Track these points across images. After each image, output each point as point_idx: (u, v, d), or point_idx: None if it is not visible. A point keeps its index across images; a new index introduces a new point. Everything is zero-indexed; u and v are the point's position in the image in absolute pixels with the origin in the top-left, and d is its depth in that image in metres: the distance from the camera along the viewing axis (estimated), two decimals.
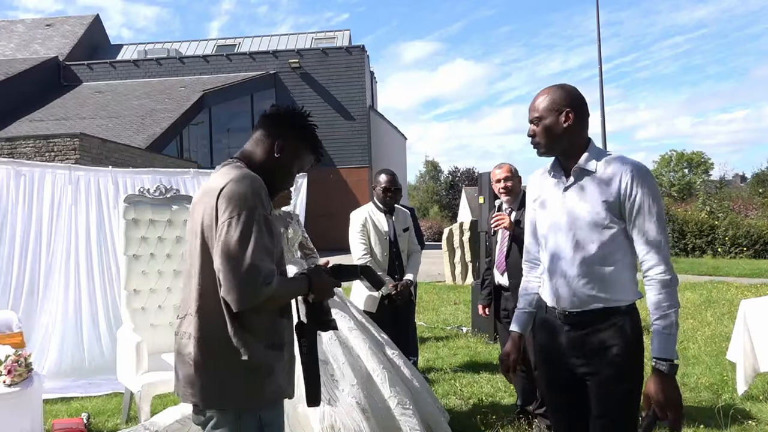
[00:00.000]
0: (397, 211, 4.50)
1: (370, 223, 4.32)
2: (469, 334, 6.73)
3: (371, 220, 4.33)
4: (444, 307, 8.96)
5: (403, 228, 4.45)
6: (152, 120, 21.30)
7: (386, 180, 4.28)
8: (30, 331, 5.03)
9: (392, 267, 4.33)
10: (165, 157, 17.94)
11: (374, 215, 4.37)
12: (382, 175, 4.32)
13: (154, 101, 23.36)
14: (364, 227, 4.31)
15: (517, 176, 3.82)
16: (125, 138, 18.89)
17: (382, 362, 3.14)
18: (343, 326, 3.18)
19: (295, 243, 3.53)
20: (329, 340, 3.05)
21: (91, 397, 4.68)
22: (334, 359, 2.98)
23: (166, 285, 4.22)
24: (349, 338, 3.16)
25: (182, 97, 23.51)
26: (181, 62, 27.05)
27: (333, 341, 3.06)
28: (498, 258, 3.86)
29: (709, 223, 17.46)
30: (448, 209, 65.91)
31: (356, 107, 26.03)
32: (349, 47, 26.81)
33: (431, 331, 7.13)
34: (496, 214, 3.72)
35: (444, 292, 10.59)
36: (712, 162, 47.10)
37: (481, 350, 5.99)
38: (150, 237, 4.17)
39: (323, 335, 3.03)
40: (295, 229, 3.53)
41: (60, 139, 13.88)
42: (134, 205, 4.13)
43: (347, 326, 3.20)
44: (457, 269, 12.10)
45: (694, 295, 9.25)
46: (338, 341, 3.08)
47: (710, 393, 4.39)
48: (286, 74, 26.17)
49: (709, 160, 47.02)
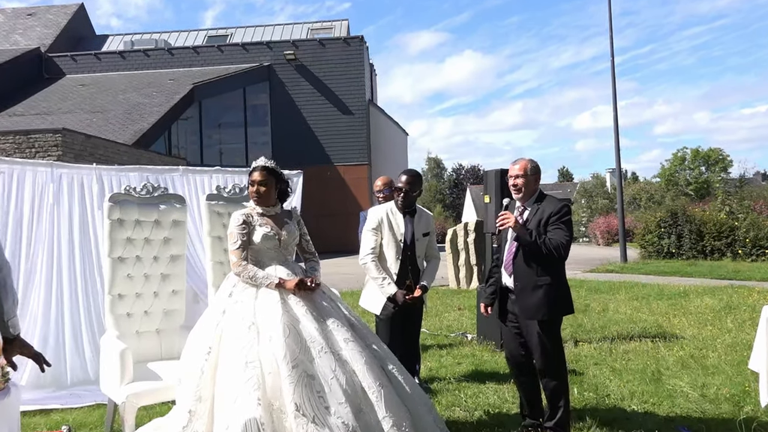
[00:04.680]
0: (420, 214, 4.47)
1: (386, 224, 4.31)
2: (475, 341, 6.71)
3: (388, 221, 4.32)
4: (448, 312, 8.94)
5: (424, 232, 4.43)
6: (139, 115, 21.28)
7: (399, 179, 4.35)
8: None
9: (404, 272, 4.32)
10: (152, 153, 17.93)
11: (393, 215, 4.36)
12: (400, 175, 4.42)
13: (141, 95, 23.35)
14: (379, 226, 4.31)
15: (533, 174, 3.78)
16: (110, 134, 18.87)
17: (380, 378, 3.05)
18: (338, 337, 3.09)
19: (289, 245, 3.46)
20: (320, 352, 2.96)
21: (72, 408, 4.66)
22: (322, 374, 2.89)
23: (153, 289, 4.20)
24: (343, 351, 3.06)
25: (171, 91, 23.50)
26: (170, 54, 27.05)
27: (325, 353, 2.97)
28: (506, 258, 3.86)
29: (728, 224, 17.44)
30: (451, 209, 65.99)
31: (355, 101, 26.02)
32: (348, 38, 26.80)
33: (434, 338, 7.10)
34: (502, 213, 3.73)
35: (448, 297, 10.57)
36: (730, 159, 47.07)
37: (487, 358, 5.97)
38: (136, 238, 4.15)
39: (314, 347, 2.97)
40: (291, 230, 3.46)
41: (41, 135, 13.86)
42: (119, 205, 4.10)
43: (342, 337, 3.10)
44: (462, 273, 12.08)
45: (713, 301, 9.23)
46: (331, 354, 2.99)
47: (731, 405, 4.36)
48: (280, 66, 26.16)
49: (728, 157, 46.99)
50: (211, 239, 4.27)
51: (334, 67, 25.99)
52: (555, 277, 3.69)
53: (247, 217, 3.39)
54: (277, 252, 3.38)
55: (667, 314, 8.24)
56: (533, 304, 3.66)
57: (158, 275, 4.23)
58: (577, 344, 6.46)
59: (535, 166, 3.80)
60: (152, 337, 4.16)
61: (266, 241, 3.34)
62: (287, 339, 2.93)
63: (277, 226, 3.42)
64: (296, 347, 2.93)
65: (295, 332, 2.99)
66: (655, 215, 19.35)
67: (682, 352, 5.97)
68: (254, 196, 3.41)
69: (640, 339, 6.64)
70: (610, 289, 11.09)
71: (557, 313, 3.77)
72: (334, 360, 2.97)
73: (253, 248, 3.37)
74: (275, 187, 3.44)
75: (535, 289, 3.66)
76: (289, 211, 3.61)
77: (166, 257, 4.27)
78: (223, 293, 3.32)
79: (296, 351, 2.91)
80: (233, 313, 3.15)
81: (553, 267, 3.68)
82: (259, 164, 3.44)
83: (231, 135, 26.98)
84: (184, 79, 24.80)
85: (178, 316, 4.30)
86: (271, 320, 3.03)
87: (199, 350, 3.11)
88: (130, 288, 4.12)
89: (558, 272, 3.73)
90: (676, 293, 10.28)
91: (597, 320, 7.88)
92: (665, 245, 18.13)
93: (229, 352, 2.99)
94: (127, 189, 4.23)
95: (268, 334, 2.98)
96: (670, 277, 13.48)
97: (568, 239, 3.61)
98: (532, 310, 3.67)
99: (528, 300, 3.68)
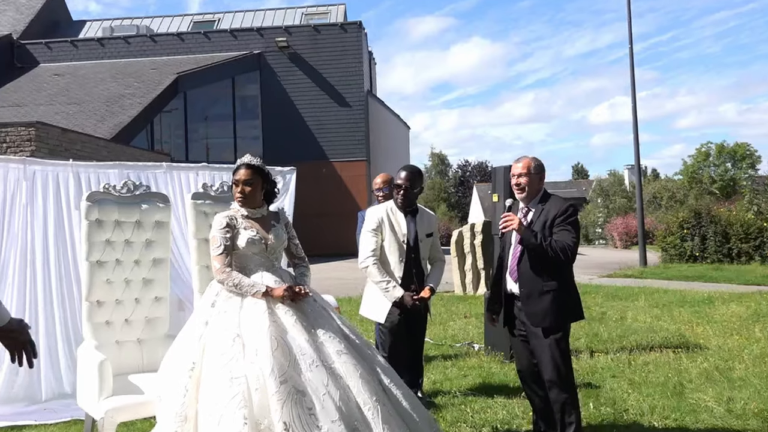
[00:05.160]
0: (422, 213, 4.49)
1: (387, 224, 4.32)
2: (482, 351, 6.72)
3: (389, 221, 4.33)
4: (453, 321, 8.95)
5: (427, 233, 4.45)
6: (119, 107, 21.30)
7: (398, 176, 4.37)
8: None
9: (408, 276, 4.34)
10: (134, 149, 17.94)
11: (394, 215, 4.37)
12: (399, 172, 4.44)
13: (121, 85, 23.37)
14: (379, 227, 4.31)
15: (537, 173, 3.83)
16: (88, 127, 18.89)
17: (376, 393, 3.03)
18: (331, 349, 3.08)
19: (276, 249, 3.45)
20: (311, 365, 2.94)
21: (47, 425, 4.66)
22: (313, 390, 2.88)
23: (134, 296, 4.20)
24: (337, 364, 3.04)
25: (154, 81, 23.52)
26: (153, 41, 27.07)
27: (317, 367, 2.95)
28: (511, 263, 3.90)
29: (756, 225, 17.44)
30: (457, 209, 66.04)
31: (352, 92, 26.04)
32: (345, 24, 26.84)
33: (438, 348, 7.11)
34: (504, 214, 3.76)
35: (453, 304, 10.58)
36: (759, 155, 47.09)
37: (495, 370, 5.97)
38: (116, 241, 4.15)
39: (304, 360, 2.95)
40: (278, 234, 3.45)
41: (13, 129, 13.86)
42: (98, 204, 4.11)
43: (335, 349, 3.08)
44: (468, 277, 12.09)
45: (740, 308, 9.23)
46: (323, 367, 2.97)
47: (760, 421, 4.37)
48: (272, 55, 26.18)
49: (756, 152, 47.00)
50: (197, 241, 4.27)
51: (330, 56, 26.02)
52: (562, 281, 3.73)
53: (231, 219, 3.38)
54: (263, 257, 3.38)
55: (690, 323, 8.24)
56: (540, 311, 3.70)
57: (140, 280, 4.23)
58: (592, 355, 6.46)
59: (539, 164, 3.86)
60: (133, 347, 4.15)
61: (251, 245, 3.33)
62: (275, 352, 2.92)
63: (264, 230, 3.41)
64: (285, 361, 2.92)
65: (283, 344, 2.98)
66: (677, 215, 19.38)
67: (707, 363, 5.97)
68: (238, 196, 3.40)
69: (660, 349, 6.65)
70: (628, 296, 11.10)
71: (566, 319, 3.80)
72: (327, 374, 2.96)
73: (238, 253, 3.36)
74: (261, 186, 3.43)
75: (541, 294, 3.70)
76: (276, 212, 3.60)
77: (149, 261, 4.27)
78: (205, 303, 3.31)
79: (285, 365, 2.90)
80: (217, 324, 3.15)
81: (560, 271, 3.72)
82: (243, 162, 3.43)
83: (218, 129, 26.99)
84: (168, 68, 24.83)
85: (162, 325, 4.30)
86: (257, 332, 3.02)
87: (181, 366, 3.10)
88: (110, 294, 4.12)
89: (565, 276, 3.77)
90: (699, 300, 10.28)
91: (614, 329, 7.89)
92: (688, 248, 18.14)
93: (213, 367, 2.98)
94: (106, 187, 4.23)
95: (254, 347, 2.97)
96: (693, 282, 13.49)
97: (575, 241, 3.66)
98: (539, 317, 3.70)
99: (534, 306, 3.72)
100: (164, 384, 3.16)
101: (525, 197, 3.85)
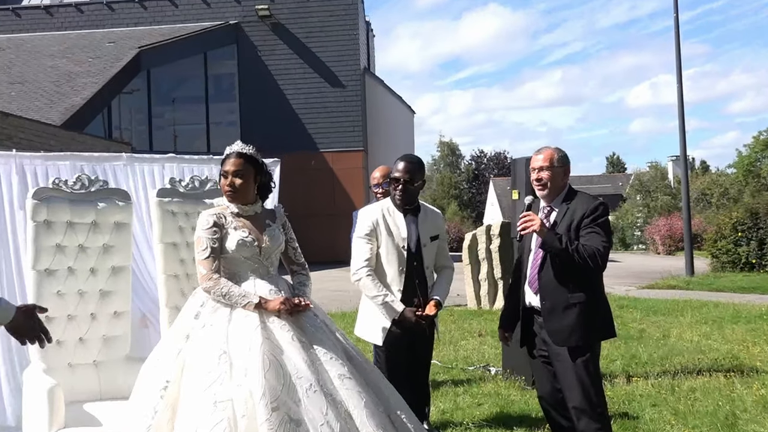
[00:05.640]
0: (425, 212, 4.46)
1: (383, 227, 4.29)
2: (499, 376, 6.74)
3: (385, 223, 4.30)
4: (465, 340, 8.97)
5: (432, 236, 4.41)
6: (70, 87, 21.32)
7: (395, 168, 4.34)
8: None
9: (410, 288, 4.29)
10: (88, 137, 17.96)
11: (391, 215, 4.34)
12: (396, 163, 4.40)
13: (73, 62, 23.39)
14: (374, 231, 4.28)
15: (561, 166, 3.86)
16: (34, 111, 18.89)
17: (383, 425, 3.06)
18: (332, 373, 3.10)
19: (272, 253, 3.47)
20: (308, 390, 2.97)
21: None
22: (309, 419, 2.90)
23: (90, 310, 4.22)
24: (338, 389, 3.07)
25: (111, 57, 23.54)
26: (110, 9, 27.10)
27: (315, 393, 2.97)
28: (531, 273, 3.91)
29: None
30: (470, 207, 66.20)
31: (346, 70, 26.07)
32: None
33: (448, 372, 7.13)
34: (524, 213, 3.77)
35: (465, 320, 10.60)
36: None
37: (515, 398, 6.00)
38: (68, 245, 4.17)
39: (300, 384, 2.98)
40: (274, 235, 3.47)
41: None
42: (47, 203, 4.13)
43: (337, 373, 3.11)
44: (483, 289, 12.11)
45: None
46: (323, 393, 2.99)
47: None
48: (251, 25, 26.22)
49: None
50: (163, 246, 4.29)
51: (320, 26, 26.04)
52: (591, 292, 3.75)
53: (219, 217, 3.40)
54: (256, 262, 3.40)
55: (744, 342, 8.26)
56: (565, 327, 3.72)
57: (96, 292, 4.25)
58: (630, 380, 6.48)
59: (563, 156, 3.88)
60: (89, 370, 4.17)
61: (243, 248, 3.36)
62: (267, 373, 2.94)
63: (257, 230, 3.43)
64: (278, 384, 2.94)
65: (277, 365, 3.00)
66: (730, 216, 19.38)
67: (765, 390, 5.99)
68: (227, 190, 3.42)
69: (710, 373, 6.66)
70: (672, 310, 11.12)
71: (595, 337, 3.82)
72: (326, 401, 2.98)
73: (227, 257, 3.39)
74: (254, 179, 3.46)
75: (567, 308, 3.71)
76: (272, 210, 3.63)
77: (107, 269, 4.28)
78: (187, 314, 3.33)
79: (278, 389, 2.93)
80: (200, 339, 3.17)
81: (588, 280, 3.74)
82: (234, 150, 3.46)
83: (188, 113, 27.01)
84: (128, 41, 24.84)
85: (122, 345, 4.32)
86: (247, 349, 3.04)
87: (152, 384, 3.12)
88: (61, 308, 4.13)
89: (594, 287, 3.80)
90: (756, 315, 10.29)
91: (655, 350, 7.91)
92: (743, 254, 18.15)
93: (194, 388, 3.00)
94: (56, 182, 4.25)
95: (243, 367, 2.99)
96: (748, 294, 13.51)
97: (606, 245, 3.68)
98: (564, 334, 3.72)
99: (559, 322, 3.74)
100: (132, 412, 3.17)
101: (547, 195, 3.87)
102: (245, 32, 26.29)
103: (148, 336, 5.08)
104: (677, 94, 18.49)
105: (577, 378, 3.69)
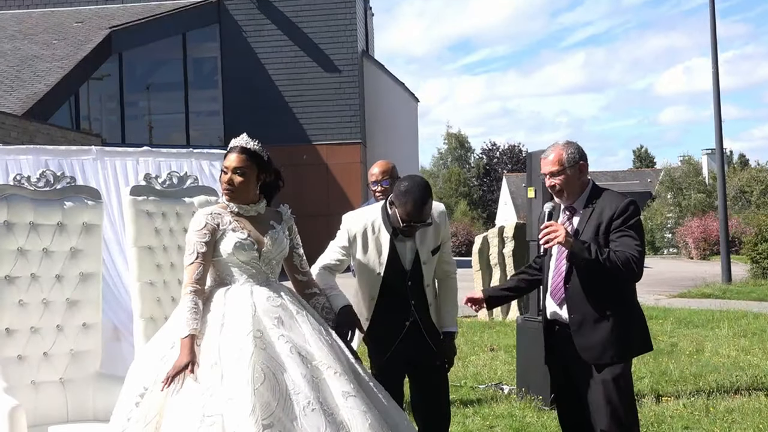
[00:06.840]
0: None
1: (360, 244, 3.95)
2: (514, 395, 6.75)
3: (363, 241, 3.94)
4: (475, 355, 8.97)
5: (433, 249, 4.00)
6: (33, 72, 21.32)
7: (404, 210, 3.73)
8: None
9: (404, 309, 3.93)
10: (53, 128, 17.96)
11: (375, 234, 3.94)
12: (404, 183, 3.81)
13: (35, 44, 23.39)
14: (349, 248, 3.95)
15: (573, 166, 3.75)
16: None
17: None
18: (335, 389, 3.10)
19: (273, 258, 3.47)
20: (306, 408, 2.97)
21: None
22: None
23: (56, 322, 4.22)
24: (340, 409, 3.06)
25: (78, 38, 23.55)
26: None
27: (312, 411, 2.97)
28: (554, 281, 3.90)
29: None
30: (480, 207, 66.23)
31: (342, 53, 26.05)
32: None
33: (456, 391, 7.13)
34: (545, 224, 3.69)
35: (475, 333, 10.60)
36: None
37: (531, 420, 6.00)
38: (31, 249, 4.17)
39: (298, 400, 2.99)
40: (277, 238, 3.47)
41: None
42: (6, 202, 4.13)
43: (341, 390, 3.10)
44: None
45: None
46: (321, 412, 2.99)
47: None
48: (236, 3, 26.20)
49: None
50: (137, 250, 4.29)
51: (313, 4, 26.02)
52: (624, 304, 3.75)
53: (214, 217, 3.42)
54: (254, 267, 3.42)
55: None
56: (597, 343, 3.70)
57: (63, 302, 4.24)
58: (659, 400, 6.49)
59: (573, 152, 3.78)
60: (55, 389, 4.16)
61: (240, 251, 3.37)
62: (260, 387, 2.96)
63: (258, 232, 3.45)
64: (272, 399, 2.96)
65: (272, 378, 3.01)
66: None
67: None
68: (225, 187, 3.45)
69: (749, 392, 6.67)
70: (707, 322, 11.12)
71: (632, 353, 3.81)
72: (325, 420, 2.98)
73: (221, 261, 3.41)
74: (257, 177, 3.48)
75: (598, 321, 3.70)
76: (277, 211, 3.64)
77: (74, 276, 4.28)
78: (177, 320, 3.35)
79: (272, 404, 2.94)
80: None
81: (621, 290, 3.73)
82: (237, 144, 3.49)
83: (165, 102, 27.01)
84: (97, 21, 24.85)
85: (92, 360, 4.32)
86: (238, 359, 3.06)
87: (129, 391, 3.14)
88: (23, 320, 4.12)
89: (628, 297, 3.79)
90: None
91: (688, 366, 7.92)
92: None
93: (181, 399, 3.02)
94: (17, 179, 4.25)
95: (235, 379, 3.01)
96: None
97: (641, 250, 3.64)
98: (597, 350, 3.71)
99: (590, 337, 3.72)
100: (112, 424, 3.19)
101: (566, 199, 3.83)
102: (229, 10, 26.27)
103: (120, 350, 5.08)
104: (713, 79, 18.49)
105: (606, 397, 3.67)
